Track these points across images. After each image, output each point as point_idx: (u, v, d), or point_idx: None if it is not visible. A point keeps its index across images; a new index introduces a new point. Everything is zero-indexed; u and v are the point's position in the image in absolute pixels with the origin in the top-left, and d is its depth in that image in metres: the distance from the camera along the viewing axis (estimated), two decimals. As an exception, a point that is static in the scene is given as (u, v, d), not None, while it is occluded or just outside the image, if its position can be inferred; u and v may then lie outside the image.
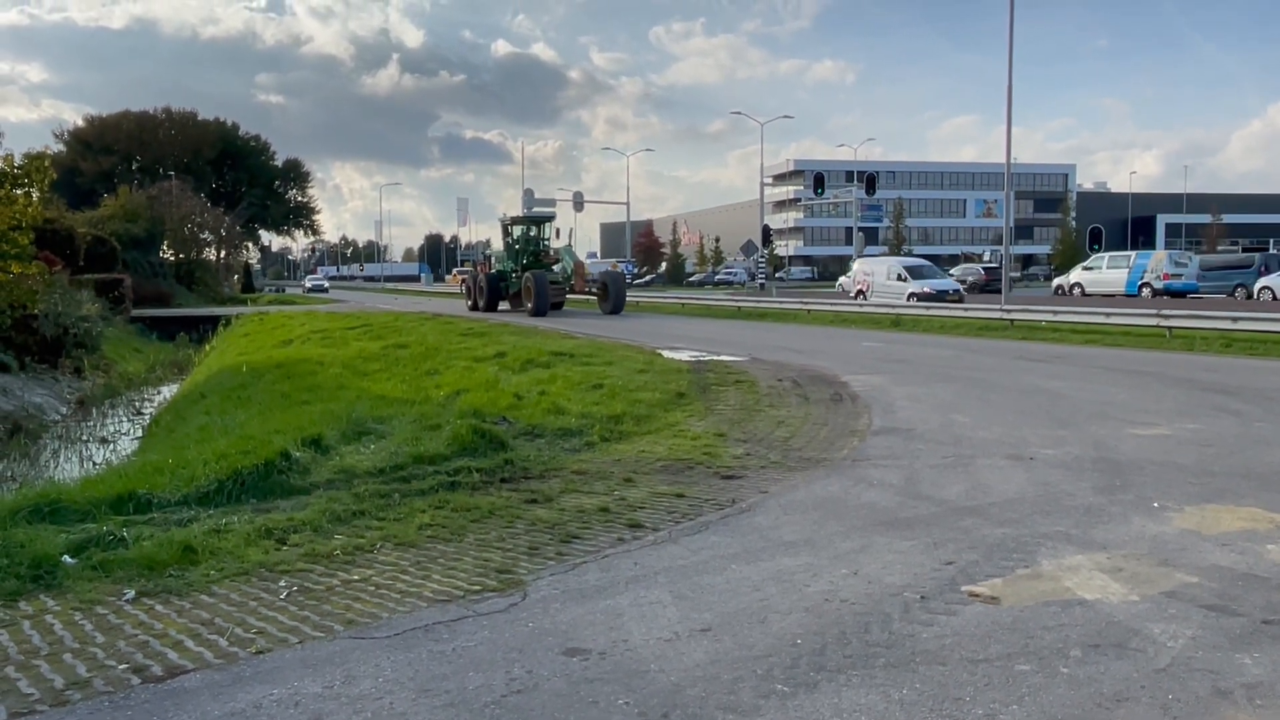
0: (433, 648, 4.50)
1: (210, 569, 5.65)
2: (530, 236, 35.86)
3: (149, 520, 6.58)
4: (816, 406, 11.67)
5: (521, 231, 36.13)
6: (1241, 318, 20.86)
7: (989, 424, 10.31)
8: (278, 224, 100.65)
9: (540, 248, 35.80)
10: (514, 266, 35.52)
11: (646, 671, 4.20)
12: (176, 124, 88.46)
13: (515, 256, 35.72)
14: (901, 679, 4.07)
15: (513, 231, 36.51)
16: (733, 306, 37.87)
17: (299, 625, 4.82)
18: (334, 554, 5.97)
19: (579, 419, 10.28)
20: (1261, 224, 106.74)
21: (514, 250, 35.91)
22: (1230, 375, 14.56)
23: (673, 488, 7.59)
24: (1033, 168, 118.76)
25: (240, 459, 7.72)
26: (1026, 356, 17.96)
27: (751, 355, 17.68)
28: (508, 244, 36.75)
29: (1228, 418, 10.59)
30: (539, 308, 31.88)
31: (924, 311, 28.62)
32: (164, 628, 4.81)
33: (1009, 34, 28.32)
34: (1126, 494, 7.21)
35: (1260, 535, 6.09)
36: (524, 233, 36.01)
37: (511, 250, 36.14)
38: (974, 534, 6.21)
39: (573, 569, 5.64)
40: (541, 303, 31.95)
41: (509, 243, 36.57)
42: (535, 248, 35.73)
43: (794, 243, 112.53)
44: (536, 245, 35.81)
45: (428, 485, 7.58)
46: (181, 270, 62.48)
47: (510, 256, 36.15)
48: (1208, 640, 4.42)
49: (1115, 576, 5.33)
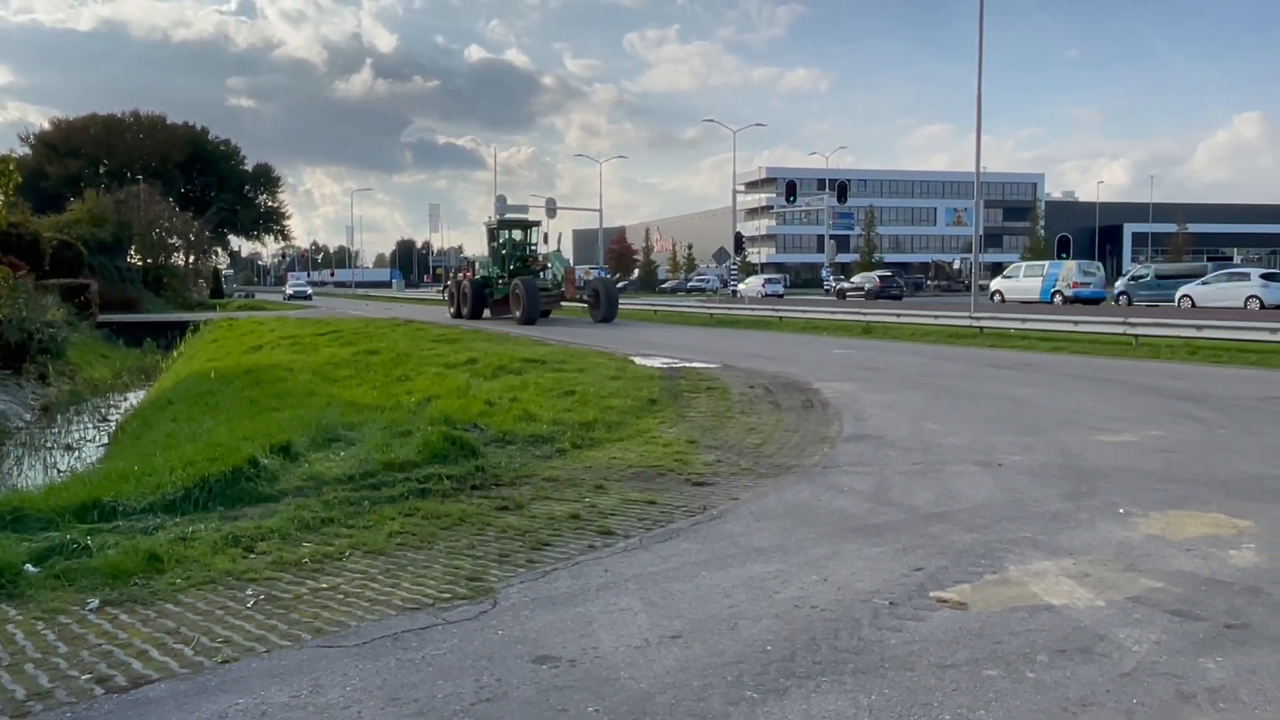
0: (401, 656, 4.47)
1: (176, 577, 5.59)
2: (517, 241, 34.94)
3: (114, 528, 6.50)
4: (788, 413, 11.72)
5: (508, 236, 35.22)
6: (1206, 326, 21.12)
7: (958, 431, 10.39)
8: (247, 229, 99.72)
9: (528, 253, 34.90)
10: (500, 272, 34.55)
11: (616, 679, 4.19)
12: (145, 127, 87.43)
13: (502, 262, 34.72)
14: (870, 685, 4.09)
15: (499, 236, 35.54)
16: (705, 313, 37.95)
17: (266, 634, 4.77)
18: (302, 562, 5.92)
19: (550, 426, 10.26)
20: (1226, 233, 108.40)
21: (500, 255, 34.89)
22: (1195, 383, 14.75)
23: (644, 495, 7.59)
24: (1002, 177, 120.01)
25: (208, 466, 7.65)
26: (995, 364, 18.11)
27: (723, 362, 17.73)
28: (493, 249, 35.67)
29: (1192, 425, 10.73)
30: (529, 315, 30.87)
31: (895, 319, 28.81)
32: (128, 637, 4.75)
33: (979, 44, 28.62)
34: (1093, 500, 7.28)
35: (1224, 541, 6.17)
36: (510, 237, 35.08)
37: (498, 255, 35.09)
38: (943, 540, 6.25)
39: (543, 576, 5.63)
40: (531, 310, 31.00)
41: (494, 248, 35.54)
42: (523, 253, 34.79)
43: (766, 250, 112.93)
44: (524, 250, 34.87)
45: (398, 492, 7.55)
46: (149, 275, 61.74)
47: (496, 262, 35.10)
48: (1172, 645, 4.47)
49: (1081, 582, 5.38)
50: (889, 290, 53.75)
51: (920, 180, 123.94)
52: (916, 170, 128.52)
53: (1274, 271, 36.21)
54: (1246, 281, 34.63)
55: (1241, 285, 34.43)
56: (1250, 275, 35.37)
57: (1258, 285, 33.88)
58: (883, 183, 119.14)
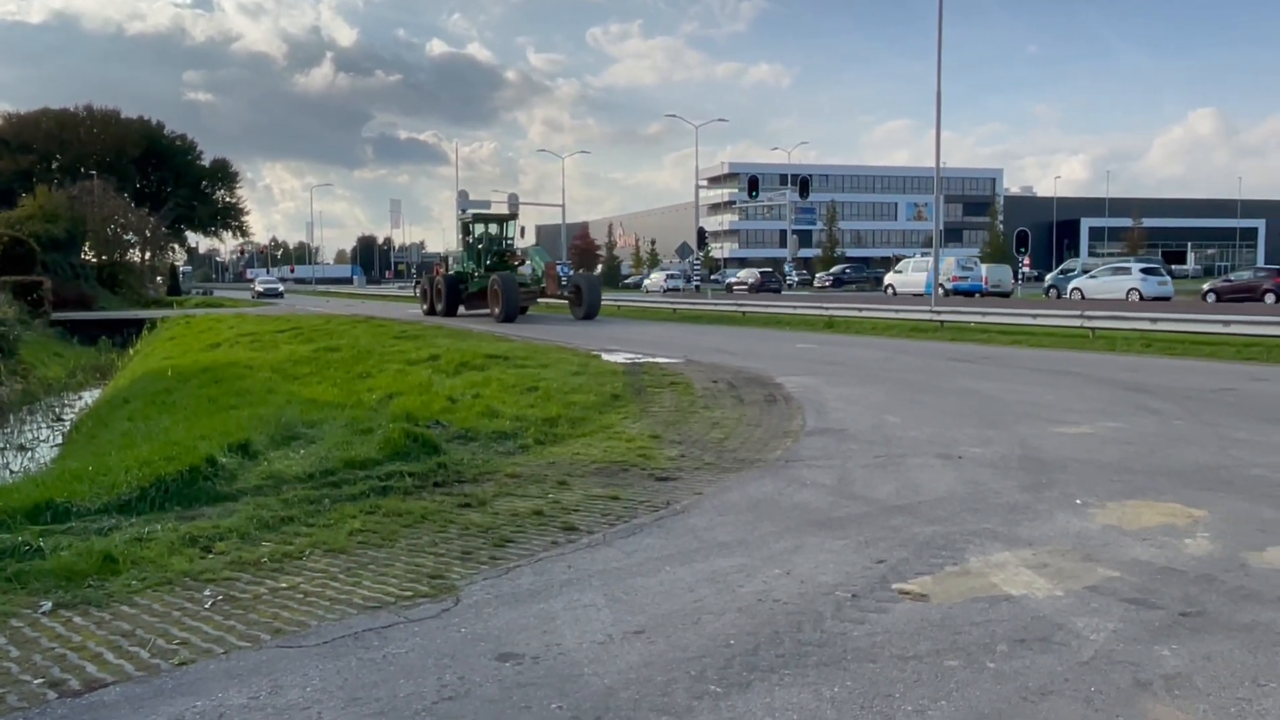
0: (363, 655, 4.43)
1: (132, 579, 5.50)
2: (493, 236, 33.99)
3: (68, 529, 6.37)
4: (751, 408, 11.75)
5: (484, 230, 34.27)
6: (1160, 319, 21.48)
7: (919, 424, 10.47)
8: (205, 225, 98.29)
9: (504, 247, 33.92)
10: (475, 268, 33.62)
11: (580, 675, 4.18)
12: (98, 122, 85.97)
13: (477, 257, 33.71)
14: (833, 677, 4.10)
15: (474, 230, 34.57)
16: (669, 308, 37.98)
17: (224, 635, 4.71)
18: (261, 561, 5.85)
19: (513, 422, 10.22)
20: (1181, 228, 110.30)
21: (475, 250, 33.92)
22: (1150, 375, 14.98)
23: (607, 490, 7.58)
24: (962, 172, 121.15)
25: (164, 465, 7.53)
26: (956, 358, 18.28)
27: (687, 357, 17.75)
28: (468, 243, 34.67)
29: (1148, 416, 10.89)
30: (508, 312, 29.98)
31: (857, 313, 29.03)
32: (82, 640, 4.66)
33: (938, 41, 28.85)
34: (1051, 491, 7.37)
35: (1179, 530, 6.26)
36: (486, 231, 34.14)
37: (473, 250, 34.11)
38: (904, 532, 6.30)
39: (506, 573, 5.60)
40: (511, 307, 30.06)
41: (469, 242, 34.57)
42: (499, 248, 33.78)
43: (729, 245, 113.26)
44: (500, 245, 33.89)
45: (359, 490, 7.47)
46: (104, 272, 60.74)
47: (471, 257, 34.15)
48: (1128, 633, 4.53)
49: (1040, 572, 5.44)
50: (768, 285, 61.85)
51: (882, 176, 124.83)
52: (878, 166, 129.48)
53: (1152, 266, 40.16)
54: (1128, 275, 37.86)
55: (1124, 279, 37.67)
56: (1131, 269, 38.72)
57: (1138, 279, 37.21)
58: (845, 178, 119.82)
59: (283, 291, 76.63)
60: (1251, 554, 5.73)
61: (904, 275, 45.92)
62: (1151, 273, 37.93)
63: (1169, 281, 37.60)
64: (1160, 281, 37.12)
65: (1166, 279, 37.67)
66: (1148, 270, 38.18)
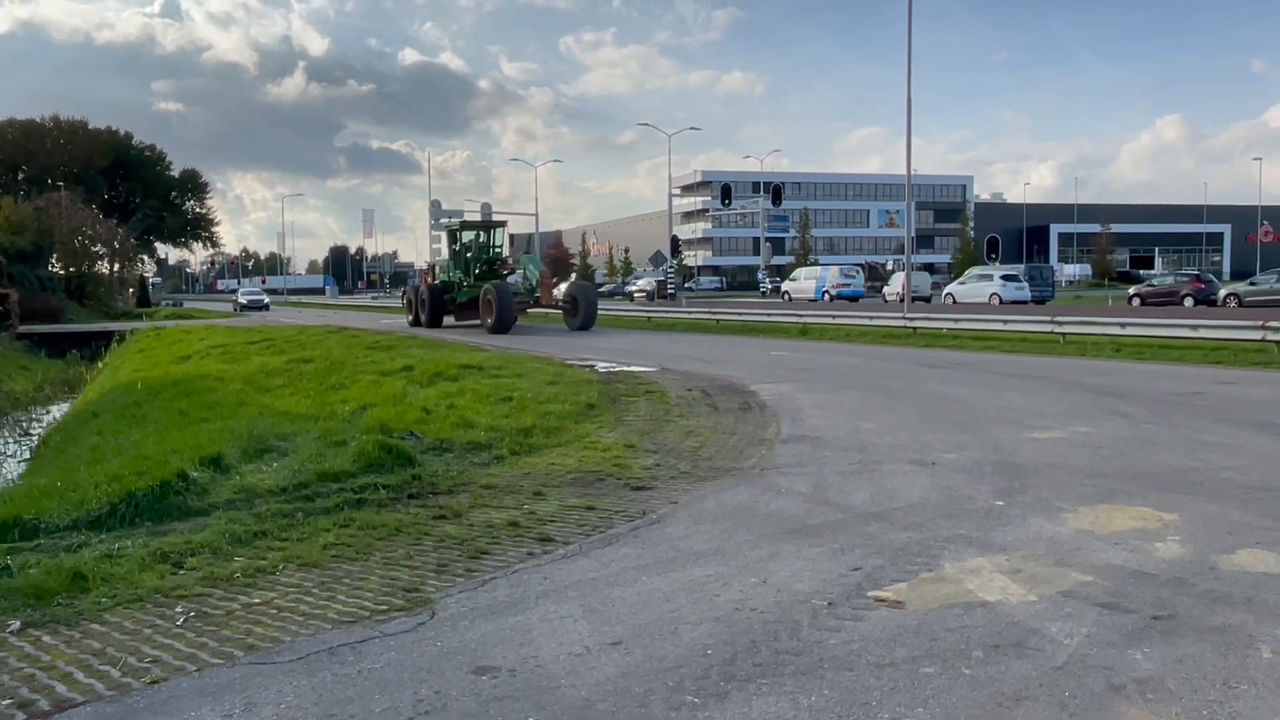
0: (337, 671, 4.39)
1: (102, 596, 5.42)
2: (481, 243, 33.13)
3: (36, 547, 6.29)
4: (725, 416, 11.77)
5: (471, 238, 33.29)
6: (1129, 323, 21.72)
7: (893, 430, 10.52)
8: (174, 236, 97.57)
9: (493, 256, 32.90)
10: (463, 277, 32.63)
11: (557, 688, 4.16)
12: (65, 132, 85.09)
13: (465, 266, 32.71)
14: (810, 685, 4.11)
15: (461, 238, 33.53)
16: (643, 317, 38.01)
17: (196, 652, 4.65)
18: (234, 577, 5.79)
19: (488, 432, 10.18)
20: (1148, 233, 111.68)
21: (463, 259, 32.89)
22: (1119, 379, 15.14)
23: (583, 500, 7.56)
24: (933, 179, 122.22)
25: (134, 480, 7.45)
26: (929, 363, 18.40)
27: (661, 365, 17.76)
28: (454, 252, 33.59)
29: (1118, 420, 11.00)
30: (502, 323, 28.80)
31: (831, 320, 29.17)
32: (52, 659, 4.60)
33: (908, 49, 29.09)
34: (1024, 496, 7.42)
35: (1150, 534, 6.33)
36: (475, 239, 33.17)
37: (460, 259, 33.06)
38: (879, 539, 6.32)
39: (482, 585, 5.57)
40: (505, 317, 28.89)
41: (456, 250, 33.48)
42: (488, 256, 32.76)
43: (703, 253, 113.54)
44: (488, 253, 32.87)
45: (332, 503, 7.41)
46: (72, 285, 60.11)
47: (459, 266, 33.07)
48: (1102, 637, 4.57)
49: (1014, 578, 5.47)
50: (663, 291, 64.40)
51: (854, 183, 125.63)
52: (850, 173, 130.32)
53: (1012, 274, 45.00)
54: (991, 282, 43.17)
55: (987, 285, 43.14)
56: (994, 277, 43.91)
57: (999, 285, 42.56)
58: (817, 185, 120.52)
59: (268, 303, 67.36)
60: (1221, 557, 5.79)
61: (797, 283, 53.64)
62: (1010, 279, 43.52)
63: (1025, 287, 43.12)
64: (1018, 287, 42.54)
65: (1024, 284, 43.39)
66: (1007, 278, 43.74)
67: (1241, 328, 19.49)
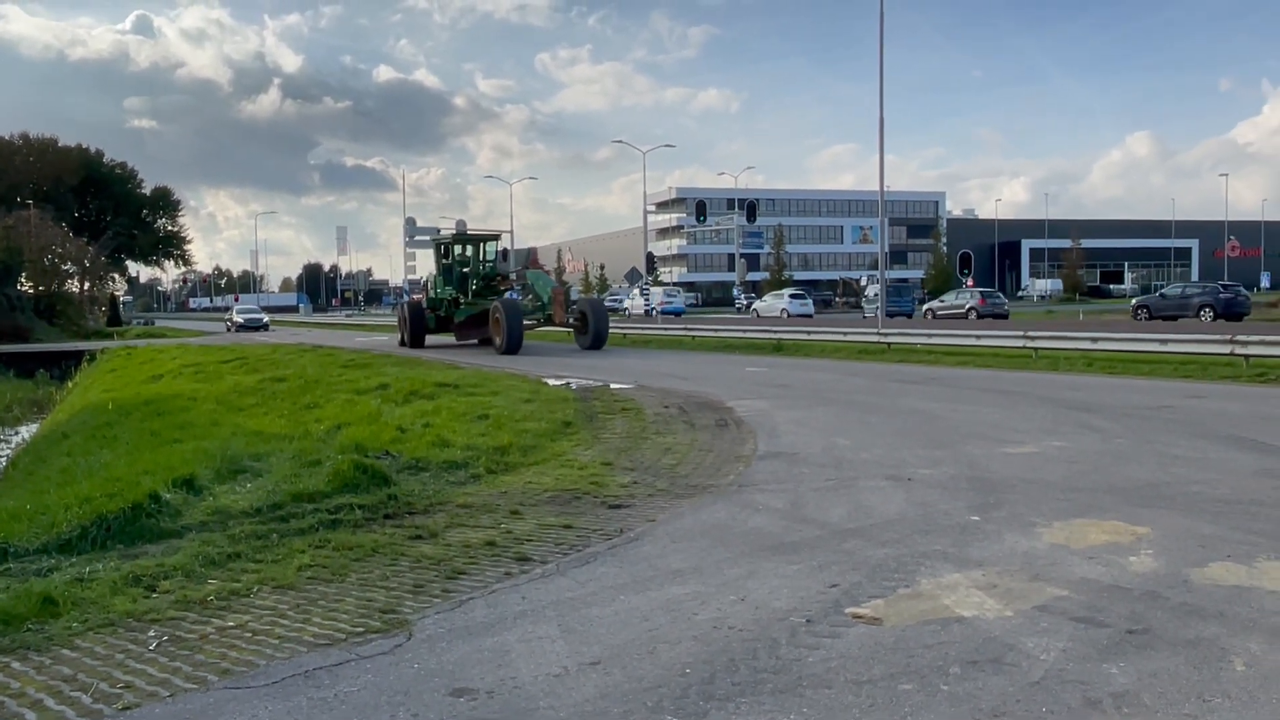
0: (313, 694, 4.35)
1: (73, 621, 5.35)
2: (472, 258, 31.48)
3: (4, 571, 6.21)
4: (702, 433, 11.78)
5: (462, 252, 31.67)
6: (1100, 338, 21.93)
7: (869, 446, 10.57)
8: (146, 254, 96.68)
9: (490, 270, 31.35)
10: (455, 293, 31.22)
11: (535, 709, 4.14)
12: (35, 150, 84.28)
13: (458, 282, 31.22)
14: (789, 704, 4.11)
15: (450, 253, 31.87)
16: (619, 333, 37.99)
17: (170, 677, 4.60)
18: (208, 600, 5.73)
19: (464, 451, 10.14)
20: (1119, 248, 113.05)
21: (455, 274, 31.32)
22: (1092, 394, 15.28)
23: (560, 519, 7.54)
24: (906, 195, 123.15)
25: (106, 502, 7.36)
26: (903, 379, 18.50)
27: (638, 382, 17.77)
28: (445, 266, 31.90)
29: (1091, 434, 11.10)
30: (511, 342, 27.20)
31: (806, 336, 29.28)
32: (21, 686, 4.53)
33: (880, 67, 29.38)
34: (1000, 511, 7.47)
35: (1123, 548, 6.38)
36: (468, 253, 31.58)
37: (451, 274, 31.50)
38: (857, 556, 6.34)
39: (459, 606, 5.54)
40: (514, 337, 27.32)
41: (446, 265, 31.85)
42: (484, 270, 31.26)
43: (678, 269, 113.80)
44: (485, 268, 31.37)
45: (307, 524, 7.36)
46: (42, 304, 59.52)
47: (450, 281, 31.57)
48: (1077, 652, 4.60)
49: (990, 593, 5.50)
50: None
51: (827, 199, 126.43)
52: (824, 189, 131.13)
53: (799, 293, 56.23)
54: (782, 299, 54.29)
55: (780, 300, 54.27)
56: (784, 295, 55.28)
57: (787, 301, 53.51)
58: (791, 201, 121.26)
59: (267, 322, 61.29)
60: (1194, 570, 5.85)
61: (637, 300, 59.50)
62: (797, 297, 54.57)
63: (809, 303, 54.25)
64: (802, 303, 53.35)
65: (808, 301, 54.55)
66: (795, 295, 54.94)
67: (1210, 341, 19.72)
